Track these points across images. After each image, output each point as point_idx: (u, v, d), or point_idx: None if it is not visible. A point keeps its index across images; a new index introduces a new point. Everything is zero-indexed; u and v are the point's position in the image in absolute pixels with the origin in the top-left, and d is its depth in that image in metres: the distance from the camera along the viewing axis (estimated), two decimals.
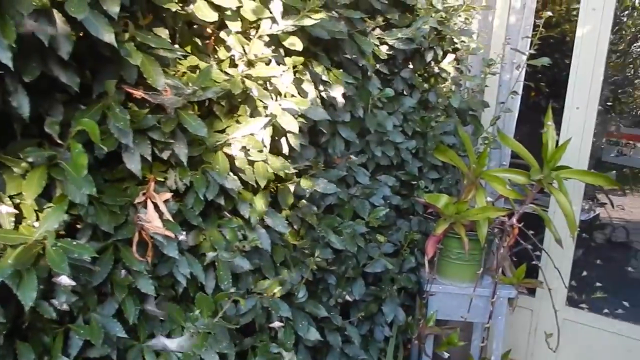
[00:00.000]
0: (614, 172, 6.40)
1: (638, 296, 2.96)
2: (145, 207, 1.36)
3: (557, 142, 2.30)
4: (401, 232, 2.37)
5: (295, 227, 1.89)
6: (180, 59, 1.43)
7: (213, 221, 1.57)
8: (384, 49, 2.12)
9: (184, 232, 1.43)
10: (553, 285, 2.77)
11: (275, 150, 1.71)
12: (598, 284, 3.22)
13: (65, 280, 1.17)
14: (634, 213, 6.13)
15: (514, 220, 2.35)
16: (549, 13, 2.55)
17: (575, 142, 2.91)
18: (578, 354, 3.09)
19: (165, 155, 1.40)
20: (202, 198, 1.46)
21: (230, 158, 1.52)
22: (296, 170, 1.75)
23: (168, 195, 1.41)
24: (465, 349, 2.65)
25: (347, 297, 2.08)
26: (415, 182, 2.39)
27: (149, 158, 1.33)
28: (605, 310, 3.07)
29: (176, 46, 1.42)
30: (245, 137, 1.50)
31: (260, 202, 1.63)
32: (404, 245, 2.35)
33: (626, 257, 4.28)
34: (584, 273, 3.27)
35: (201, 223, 1.52)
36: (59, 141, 1.19)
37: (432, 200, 2.24)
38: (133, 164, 1.30)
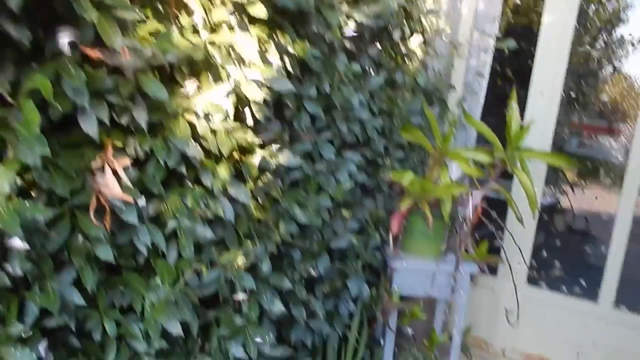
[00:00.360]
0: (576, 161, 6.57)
1: (594, 275, 3.04)
2: (103, 172, 1.33)
3: (521, 126, 2.35)
4: (366, 210, 2.38)
5: (259, 200, 1.88)
6: (139, 23, 1.39)
7: (174, 190, 1.55)
8: (351, 24, 2.12)
9: (144, 198, 1.40)
10: (514, 263, 2.84)
11: (239, 121, 1.69)
12: (557, 264, 3.30)
13: (18, 243, 1.14)
14: (594, 203, 6.33)
15: (477, 198, 2.39)
16: (517, 0, 2.59)
17: (538, 127, 2.97)
18: (537, 329, 3.17)
19: (124, 120, 1.37)
20: (162, 164, 1.43)
21: (192, 125, 1.50)
22: (261, 142, 1.74)
23: (127, 161, 1.38)
24: (428, 324, 2.70)
25: (312, 272, 2.08)
26: (381, 161, 2.40)
27: (107, 122, 1.30)
28: (564, 289, 3.15)
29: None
30: (207, 103, 1.48)
31: (223, 172, 1.61)
32: (369, 223, 2.36)
33: (584, 241, 4.40)
34: (544, 254, 3.35)
35: (162, 191, 1.49)
36: (10, 100, 1.15)
37: (398, 177, 2.26)
38: (90, 127, 1.27)
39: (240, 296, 1.79)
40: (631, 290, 3.08)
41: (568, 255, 3.44)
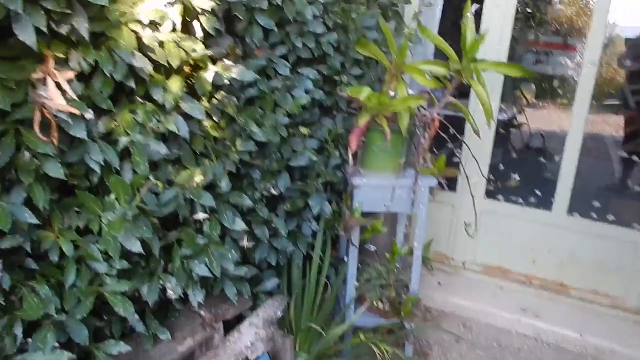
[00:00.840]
0: (533, 85, 6.68)
1: (549, 188, 3.15)
2: (46, 85, 1.27)
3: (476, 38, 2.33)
4: (325, 129, 2.36)
5: (215, 119, 1.84)
6: None
7: (125, 106, 1.50)
8: None
9: (91, 111, 1.35)
10: (473, 179, 2.90)
11: (188, 34, 1.62)
12: (514, 177, 3.40)
13: None
14: (551, 122, 6.49)
15: (435, 113, 2.40)
16: None
17: (494, 39, 2.98)
18: (495, 241, 3.30)
19: (64, 30, 1.29)
20: (109, 77, 1.37)
21: (138, 37, 1.43)
22: (211, 54, 1.68)
23: (71, 74, 1.31)
24: (390, 240, 2.76)
25: (273, 191, 2.08)
26: (338, 78, 2.36)
27: (45, 30, 1.23)
28: (520, 201, 3.26)
29: None
30: (151, 10, 1.41)
31: (174, 86, 1.56)
32: (328, 141, 2.35)
33: (541, 157, 4.52)
34: (502, 170, 3.43)
35: (112, 107, 1.44)
36: None
37: (355, 93, 2.23)
38: (27, 36, 1.20)
39: (201, 216, 1.78)
40: (583, 199, 3.21)
41: (525, 171, 3.55)
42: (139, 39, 1.44)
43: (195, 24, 1.64)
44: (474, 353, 2.83)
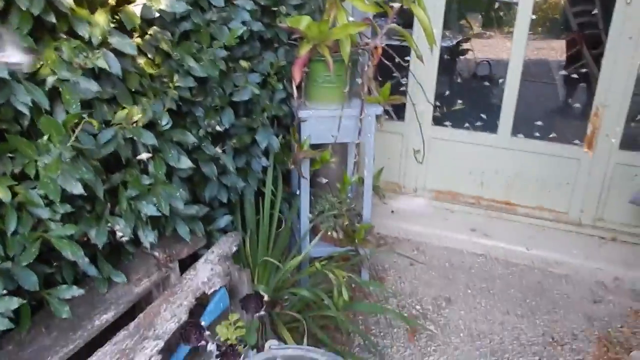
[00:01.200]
0: (480, 15, 6.66)
1: (495, 113, 3.22)
2: None
3: None
4: (267, 62, 2.32)
5: (149, 55, 1.78)
6: None
7: (48, 44, 1.43)
8: None
9: None
10: (419, 107, 2.93)
11: None
12: (459, 102, 3.45)
13: None
14: (496, 51, 6.54)
15: (377, 40, 2.38)
16: None
17: None
18: (444, 166, 3.39)
19: None
20: (26, 11, 1.30)
21: None
22: None
23: None
24: (341, 170, 2.80)
25: (218, 128, 2.05)
26: (276, 9, 2.31)
27: None
28: (467, 125, 3.33)
29: None
30: None
31: (100, 20, 1.49)
32: (271, 75, 2.32)
33: (486, 84, 4.57)
34: (448, 98, 3.47)
35: (33, 44, 1.37)
36: None
37: (294, 23, 2.19)
38: None
39: (144, 155, 1.75)
40: (527, 121, 3.30)
41: (471, 98, 3.61)
42: None
43: None
44: (427, 274, 2.95)
